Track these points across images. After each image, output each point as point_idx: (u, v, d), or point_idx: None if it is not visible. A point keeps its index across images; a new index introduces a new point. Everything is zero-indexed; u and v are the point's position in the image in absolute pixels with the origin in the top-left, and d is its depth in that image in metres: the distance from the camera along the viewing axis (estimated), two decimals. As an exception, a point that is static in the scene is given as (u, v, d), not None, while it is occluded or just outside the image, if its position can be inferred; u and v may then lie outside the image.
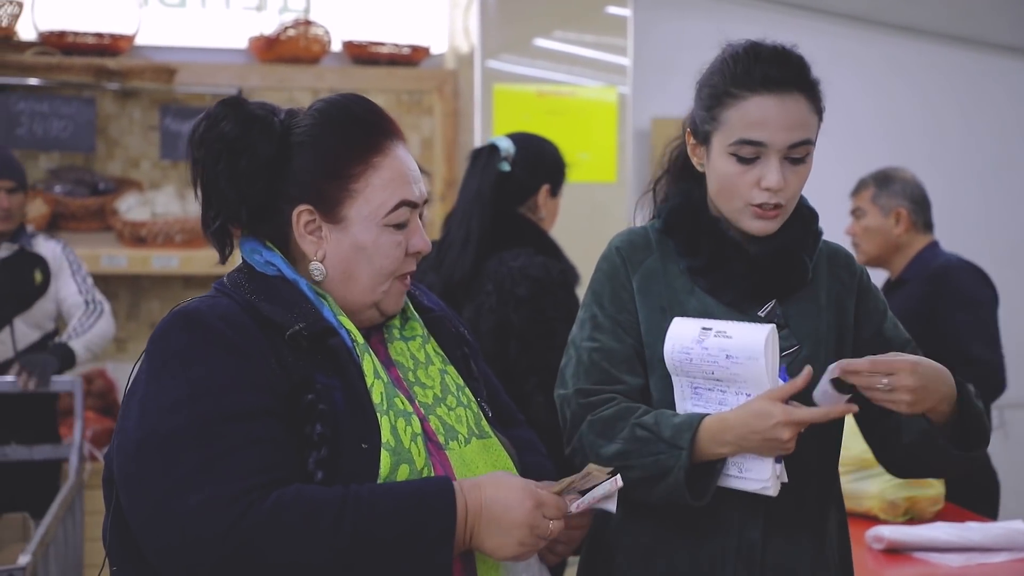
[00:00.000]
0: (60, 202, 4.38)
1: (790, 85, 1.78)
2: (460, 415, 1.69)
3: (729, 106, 1.80)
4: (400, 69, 4.81)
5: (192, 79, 4.55)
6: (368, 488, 1.51)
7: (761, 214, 1.81)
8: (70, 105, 4.43)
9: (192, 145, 1.64)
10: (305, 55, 4.67)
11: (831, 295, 1.88)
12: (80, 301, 3.80)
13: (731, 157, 1.80)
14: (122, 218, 4.40)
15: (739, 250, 1.85)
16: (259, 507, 1.44)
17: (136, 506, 1.49)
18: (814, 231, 1.91)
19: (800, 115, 1.79)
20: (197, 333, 1.54)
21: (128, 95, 4.62)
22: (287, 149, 1.64)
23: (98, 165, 4.63)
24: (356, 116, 1.66)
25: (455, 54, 4.90)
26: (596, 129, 4.78)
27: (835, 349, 1.85)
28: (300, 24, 4.67)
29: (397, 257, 1.66)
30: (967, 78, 5.67)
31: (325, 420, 1.54)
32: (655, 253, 1.90)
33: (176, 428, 1.48)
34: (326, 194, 1.63)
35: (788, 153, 1.79)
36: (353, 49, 4.79)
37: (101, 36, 4.50)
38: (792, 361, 1.79)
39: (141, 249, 4.41)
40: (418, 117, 4.84)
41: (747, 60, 1.81)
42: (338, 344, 1.60)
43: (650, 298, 1.86)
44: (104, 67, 4.46)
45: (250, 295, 1.61)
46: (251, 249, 1.67)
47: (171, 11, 4.74)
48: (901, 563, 2.58)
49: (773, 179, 1.78)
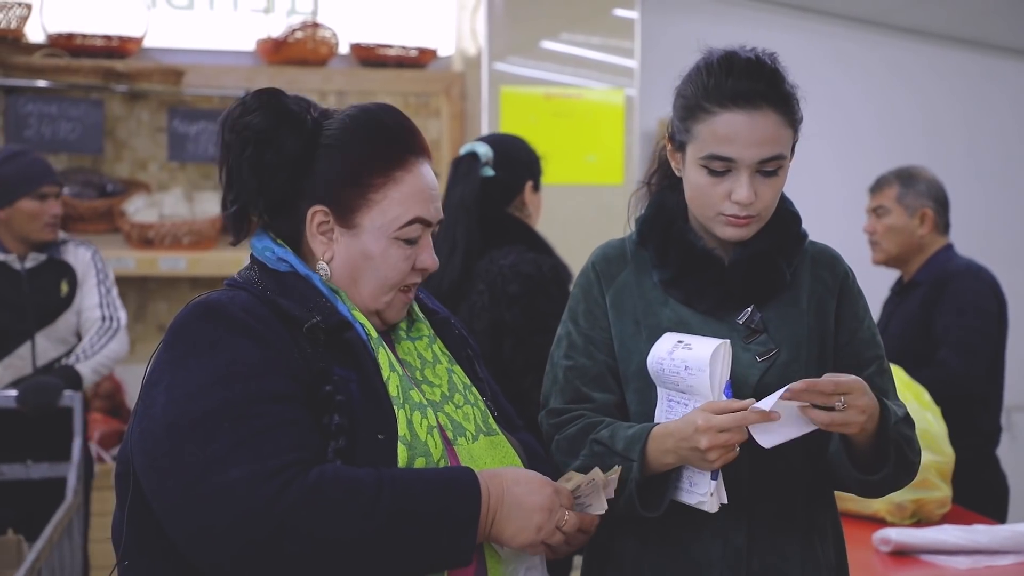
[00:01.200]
0: (68, 204, 4.39)
1: (760, 100, 1.76)
2: (468, 412, 1.72)
3: (700, 120, 1.79)
4: (407, 71, 4.82)
5: (200, 81, 4.56)
6: (399, 471, 1.55)
7: (733, 222, 1.80)
8: (78, 107, 4.44)
9: (223, 128, 1.67)
10: (313, 57, 4.68)
11: (812, 297, 1.87)
12: (98, 316, 3.63)
13: (702, 169, 1.80)
14: (130, 220, 4.41)
15: (709, 258, 1.85)
16: (302, 481, 1.47)
17: (168, 488, 1.49)
18: (795, 234, 1.90)
19: (770, 131, 1.77)
20: (221, 322, 1.56)
21: (136, 97, 4.63)
22: (314, 149, 1.67)
23: (106, 167, 4.65)
24: (386, 128, 1.69)
25: (462, 56, 4.90)
26: (603, 131, 4.78)
27: (817, 353, 1.84)
28: (308, 26, 4.68)
29: (403, 270, 1.68)
30: (968, 80, 5.68)
31: (342, 411, 1.56)
32: (629, 266, 1.90)
33: (209, 410, 1.49)
34: (343, 199, 1.66)
35: (759, 167, 1.78)
36: (360, 51, 4.80)
37: (109, 38, 4.52)
38: (771, 366, 1.80)
39: (149, 251, 4.42)
40: (425, 119, 4.85)
41: (719, 73, 1.79)
42: (354, 337, 1.63)
43: (624, 312, 1.87)
44: (112, 69, 4.47)
45: (266, 290, 1.63)
46: (263, 247, 1.70)
47: (179, 13, 4.75)
48: (908, 566, 2.58)
49: (742, 194, 1.77)
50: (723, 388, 1.71)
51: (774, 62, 1.81)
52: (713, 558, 1.79)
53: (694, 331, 1.80)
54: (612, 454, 1.75)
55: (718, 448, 1.65)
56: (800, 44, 5.02)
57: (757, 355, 1.80)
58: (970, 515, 2.96)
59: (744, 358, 1.80)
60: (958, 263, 3.57)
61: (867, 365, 1.85)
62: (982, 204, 5.58)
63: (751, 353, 1.80)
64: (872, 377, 1.82)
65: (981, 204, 5.57)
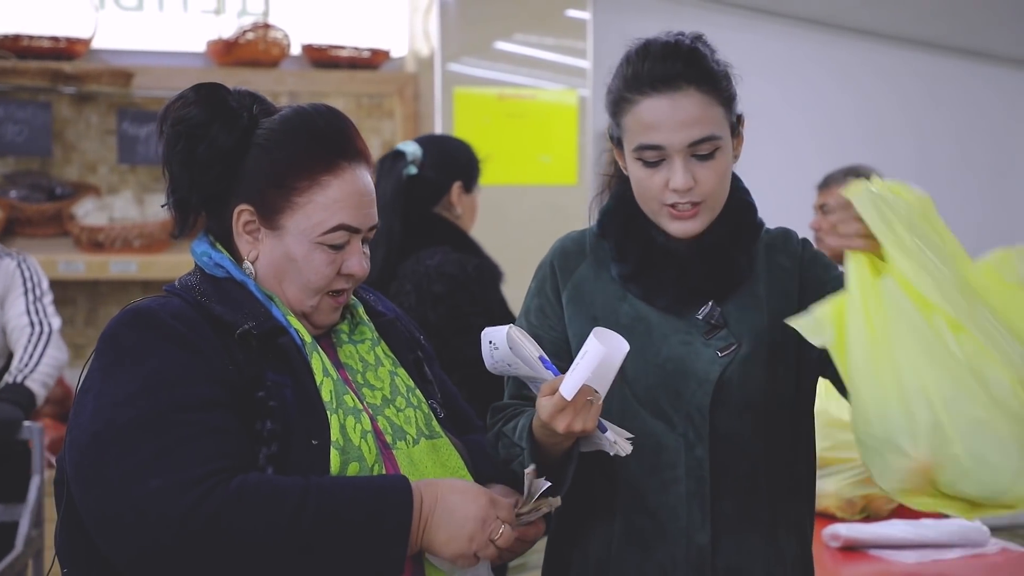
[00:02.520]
0: (16, 207, 4.34)
1: (680, 80, 1.71)
2: (409, 416, 1.70)
3: (626, 111, 1.75)
4: (360, 72, 4.80)
5: (150, 83, 4.53)
6: (328, 479, 1.53)
7: (677, 215, 1.76)
8: (25, 109, 4.39)
9: (161, 121, 1.66)
10: (264, 58, 4.66)
11: (771, 286, 1.83)
12: (25, 323, 3.32)
13: (637, 161, 1.76)
14: (79, 223, 4.37)
15: (667, 254, 1.81)
16: (222, 489, 1.45)
17: (92, 496, 1.48)
18: (749, 224, 1.85)
19: (695, 110, 1.71)
20: (149, 329, 1.55)
21: (85, 99, 4.58)
22: (247, 146, 1.65)
23: (55, 170, 4.60)
24: (316, 130, 1.66)
25: (415, 57, 4.90)
26: (557, 132, 4.79)
27: (783, 340, 1.78)
28: (259, 27, 4.65)
29: (326, 275, 1.65)
30: (918, 81, 5.75)
31: (275, 417, 1.55)
32: (588, 259, 1.86)
33: (132, 418, 1.48)
34: (268, 200, 1.64)
35: (692, 151, 1.72)
36: (313, 52, 4.78)
37: (57, 40, 4.47)
38: (731, 360, 1.76)
39: (99, 254, 4.38)
40: (379, 120, 4.83)
41: (636, 61, 1.75)
42: (287, 343, 1.61)
43: (581, 308, 1.84)
44: (60, 71, 4.43)
45: (200, 296, 1.62)
46: (201, 251, 1.69)
47: (128, 14, 4.71)
48: (857, 561, 2.60)
49: (678, 180, 1.72)
50: (542, 364, 1.65)
51: (695, 41, 1.77)
52: (677, 559, 1.77)
53: (653, 327, 1.79)
54: (513, 444, 1.73)
55: (568, 424, 1.58)
56: (753, 45, 5.06)
57: (718, 350, 1.78)
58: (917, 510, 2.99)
59: (705, 354, 1.78)
60: None
61: None
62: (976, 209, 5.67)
63: (712, 349, 1.78)
64: None
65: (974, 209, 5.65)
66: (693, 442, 1.77)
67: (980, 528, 2.66)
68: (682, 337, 1.79)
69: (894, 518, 2.83)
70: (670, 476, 1.77)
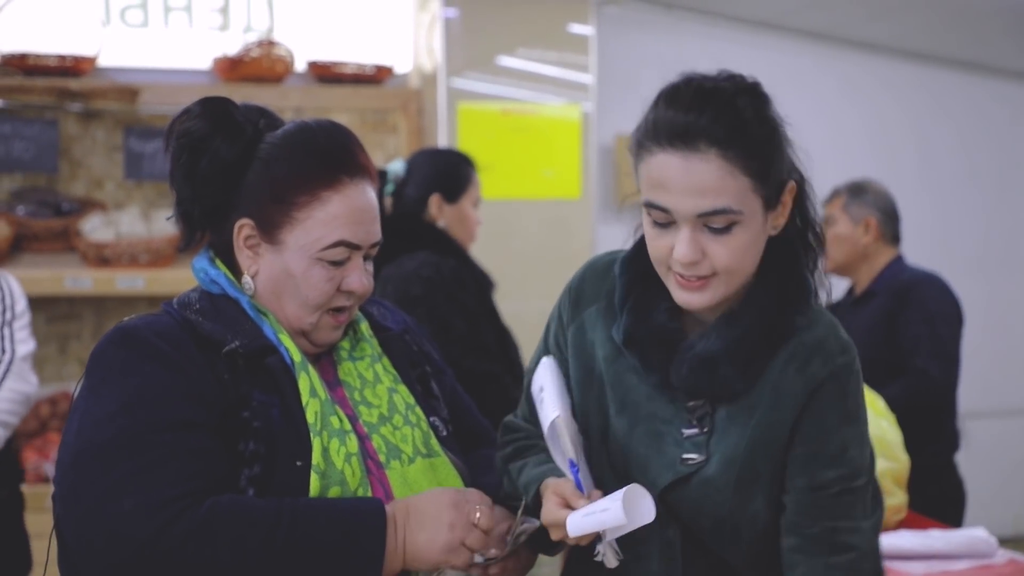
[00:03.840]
0: (23, 224, 4.35)
1: (700, 139, 1.43)
2: (406, 434, 1.69)
3: (642, 159, 1.50)
4: (364, 88, 4.82)
5: (156, 99, 4.54)
6: (303, 501, 1.52)
7: (684, 284, 1.51)
8: (32, 126, 4.40)
9: (167, 135, 1.67)
10: (269, 75, 4.67)
11: (771, 406, 1.56)
12: None
13: (648, 218, 1.52)
14: (86, 239, 4.38)
15: (662, 336, 1.58)
16: (192, 512, 1.45)
17: (70, 514, 1.49)
18: (774, 325, 1.55)
19: (711, 178, 1.44)
20: (134, 348, 1.56)
21: (91, 116, 4.60)
22: (249, 160, 1.65)
23: (61, 186, 4.61)
24: (317, 146, 1.65)
25: (419, 73, 4.91)
26: (560, 146, 4.81)
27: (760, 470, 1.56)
28: (264, 44, 4.67)
29: (326, 292, 1.64)
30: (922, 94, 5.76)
31: (259, 438, 1.55)
32: (600, 302, 1.66)
33: (111, 438, 1.49)
34: (268, 215, 1.64)
35: (703, 222, 1.46)
36: (317, 69, 4.80)
37: (63, 58, 4.49)
38: (693, 472, 1.56)
39: (106, 270, 4.38)
40: (383, 136, 4.85)
41: (663, 104, 1.48)
42: (275, 362, 1.60)
43: (580, 354, 1.67)
44: (67, 88, 4.44)
45: (193, 314, 1.62)
46: (200, 267, 1.70)
47: (134, 32, 4.73)
48: (865, 572, 2.61)
49: (681, 251, 1.47)
50: (567, 466, 1.58)
51: (739, 92, 1.48)
52: None
53: (640, 403, 1.60)
54: (516, 487, 1.67)
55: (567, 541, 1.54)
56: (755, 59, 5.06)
57: (685, 454, 1.58)
58: (925, 521, 2.99)
59: (670, 454, 1.58)
60: (914, 273, 3.64)
61: (823, 487, 1.55)
62: (935, 215, 5.67)
63: (680, 450, 1.58)
64: (826, 500, 1.55)
65: (934, 215, 5.66)
66: (665, 522, 1.60)
67: (988, 539, 2.66)
68: (657, 427, 1.60)
69: (902, 529, 2.83)
70: (643, 551, 1.63)
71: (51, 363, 4.53)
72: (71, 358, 4.56)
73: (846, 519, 1.56)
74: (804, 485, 1.56)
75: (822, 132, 5.51)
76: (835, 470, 1.55)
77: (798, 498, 1.57)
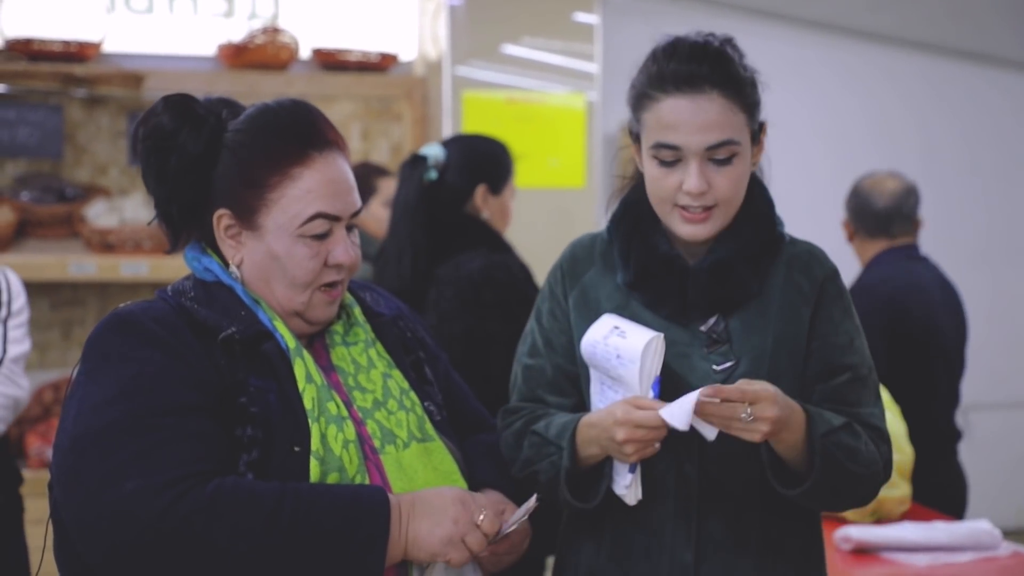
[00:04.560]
0: (27, 209, 4.35)
1: (704, 83, 1.69)
2: (400, 419, 1.69)
3: (647, 108, 1.73)
4: (369, 76, 4.82)
5: (160, 86, 4.53)
6: (306, 485, 1.53)
7: (689, 217, 1.73)
8: (37, 112, 4.40)
9: (134, 138, 1.66)
10: (274, 62, 4.67)
11: (784, 305, 1.77)
12: None
13: (653, 159, 1.73)
14: (90, 225, 4.38)
15: (671, 263, 1.77)
16: (197, 492, 1.45)
17: (70, 499, 1.49)
18: (767, 238, 1.80)
19: (716, 115, 1.69)
20: (130, 333, 1.56)
21: (96, 102, 4.60)
22: (217, 151, 1.64)
23: (65, 172, 4.61)
24: (281, 125, 1.64)
25: (424, 61, 4.91)
26: (565, 135, 4.80)
27: (786, 364, 1.75)
28: (269, 31, 4.66)
29: (312, 268, 1.64)
30: (925, 84, 5.75)
31: (256, 423, 1.55)
32: (596, 264, 1.84)
33: (110, 422, 1.49)
34: (243, 201, 1.63)
35: (709, 155, 1.70)
36: (322, 56, 4.79)
37: (68, 43, 4.48)
38: (727, 377, 1.72)
39: (110, 256, 4.38)
40: (387, 123, 4.84)
41: (663, 59, 1.73)
42: (271, 348, 1.60)
43: (585, 313, 1.81)
44: (71, 74, 4.44)
45: (188, 301, 1.62)
46: (192, 256, 1.69)
47: (139, 18, 4.72)
48: (869, 563, 2.61)
49: (692, 183, 1.70)
50: (651, 383, 1.66)
51: (724, 44, 1.75)
52: (661, 574, 1.74)
53: None
54: (547, 443, 1.73)
55: (634, 443, 1.62)
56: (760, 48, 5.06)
57: (715, 366, 1.74)
58: (929, 512, 3.00)
59: (701, 368, 1.74)
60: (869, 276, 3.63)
61: (838, 373, 1.76)
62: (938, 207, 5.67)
63: (709, 364, 1.74)
64: (842, 386, 1.75)
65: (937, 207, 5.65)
66: (683, 458, 1.73)
67: (992, 531, 2.67)
68: (681, 349, 1.75)
69: (906, 520, 2.84)
70: (658, 491, 1.74)
71: (55, 349, 4.54)
72: (75, 344, 4.56)
73: (863, 405, 1.76)
74: (822, 371, 1.75)
75: (823, 119, 5.52)
76: (847, 358, 1.76)
77: (819, 389, 1.75)
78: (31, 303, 3.05)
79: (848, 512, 2.87)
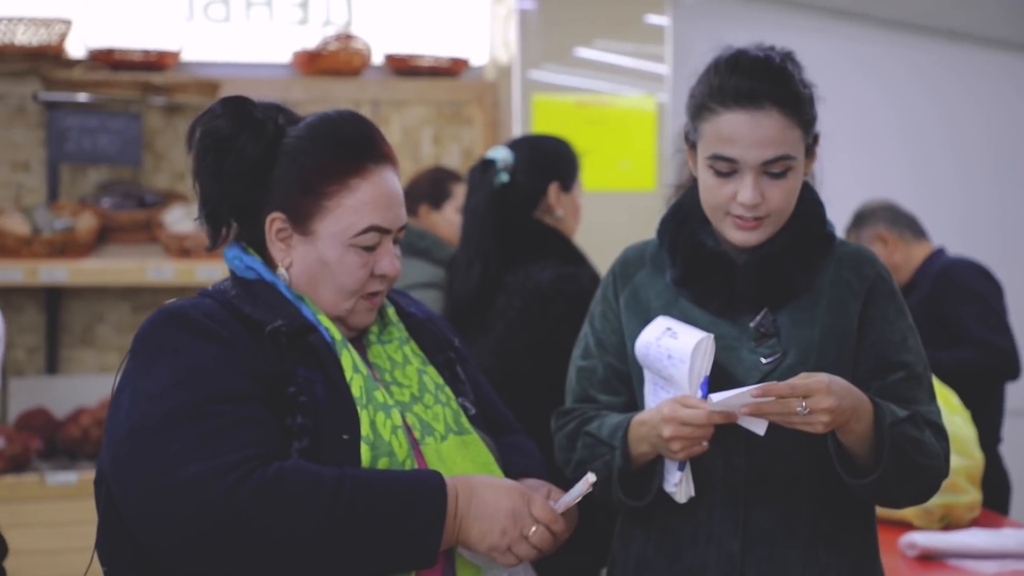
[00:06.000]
0: (108, 216, 4.47)
1: (764, 99, 1.73)
2: (437, 412, 1.72)
3: (706, 119, 1.78)
4: (440, 80, 4.86)
5: (236, 93, 4.61)
6: (363, 470, 1.56)
7: (741, 224, 1.78)
8: (117, 120, 4.51)
9: (190, 136, 1.70)
10: (347, 68, 4.73)
11: (833, 301, 1.81)
12: None
13: (709, 169, 1.78)
14: (168, 230, 4.48)
15: (718, 260, 1.82)
16: (261, 473, 1.48)
17: (130, 488, 1.51)
18: (816, 235, 1.85)
19: (774, 131, 1.73)
20: (182, 327, 1.59)
21: (174, 110, 4.70)
22: (274, 156, 1.68)
23: (145, 178, 4.72)
24: (342, 135, 1.69)
25: (495, 65, 4.94)
26: (635, 138, 4.80)
27: (834, 356, 1.78)
28: (342, 38, 4.73)
29: (360, 277, 1.69)
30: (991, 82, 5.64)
31: (306, 411, 1.58)
32: (647, 266, 1.90)
33: (168, 411, 1.52)
34: (299, 206, 1.67)
35: (764, 168, 1.75)
36: (394, 62, 4.85)
37: (147, 52, 4.59)
38: (774, 370, 1.76)
39: (187, 261, 4.48)
40: (458, 128, 4.88)
41: (724, 72, 1.77)
42: (317, 340, 1.64)
43: (636, 312, 1.87)
44: (150, 83, 4.54)
45: (232, 298, 1.66)
46: (233, 255, 1.73)
47: (216, 26, 4.82)
48: (935, 570, 2.59)
49: (746, 195, 1.75)
50: (700, 382, 1.69)
51: (784, 60, 1.78)
52: (707, 563, 1.77)
53: (707, 329, 1.77)
54: (600, 443, 1.77)
55: (680, 440, 1.65)
56: (829, 47, 5.02)
57: (763, 357, 1.77)
58: (1000, 519, 2.96)
59: (748, 360, 1.78)
60: (949, 259, 3.73)
61: (893, 370, 1.79)
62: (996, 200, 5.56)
63: (756, 356, 1.78)
64: (897, 383, 1.78)
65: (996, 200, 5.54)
66: (730, 448, 1.77)
67: (1062, 538, 2.62)
68: (728, 343, 1.79)
69: (975, 527, 2.80)
70: (705, 481, 1.77)
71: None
72: None
73: (919, 403, 1.78)
74: (875, 368, 1.78)
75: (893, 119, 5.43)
76: (902, 355, 1.79)
77: (874, 387, 1.77)
78: (112, 307, 3.00)
79: (916, 519, 2.84)
